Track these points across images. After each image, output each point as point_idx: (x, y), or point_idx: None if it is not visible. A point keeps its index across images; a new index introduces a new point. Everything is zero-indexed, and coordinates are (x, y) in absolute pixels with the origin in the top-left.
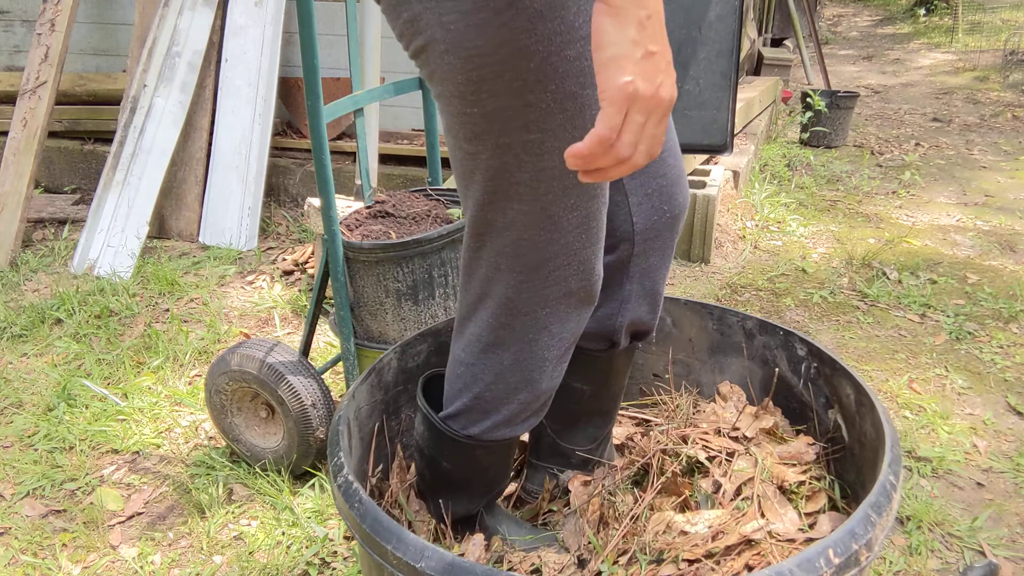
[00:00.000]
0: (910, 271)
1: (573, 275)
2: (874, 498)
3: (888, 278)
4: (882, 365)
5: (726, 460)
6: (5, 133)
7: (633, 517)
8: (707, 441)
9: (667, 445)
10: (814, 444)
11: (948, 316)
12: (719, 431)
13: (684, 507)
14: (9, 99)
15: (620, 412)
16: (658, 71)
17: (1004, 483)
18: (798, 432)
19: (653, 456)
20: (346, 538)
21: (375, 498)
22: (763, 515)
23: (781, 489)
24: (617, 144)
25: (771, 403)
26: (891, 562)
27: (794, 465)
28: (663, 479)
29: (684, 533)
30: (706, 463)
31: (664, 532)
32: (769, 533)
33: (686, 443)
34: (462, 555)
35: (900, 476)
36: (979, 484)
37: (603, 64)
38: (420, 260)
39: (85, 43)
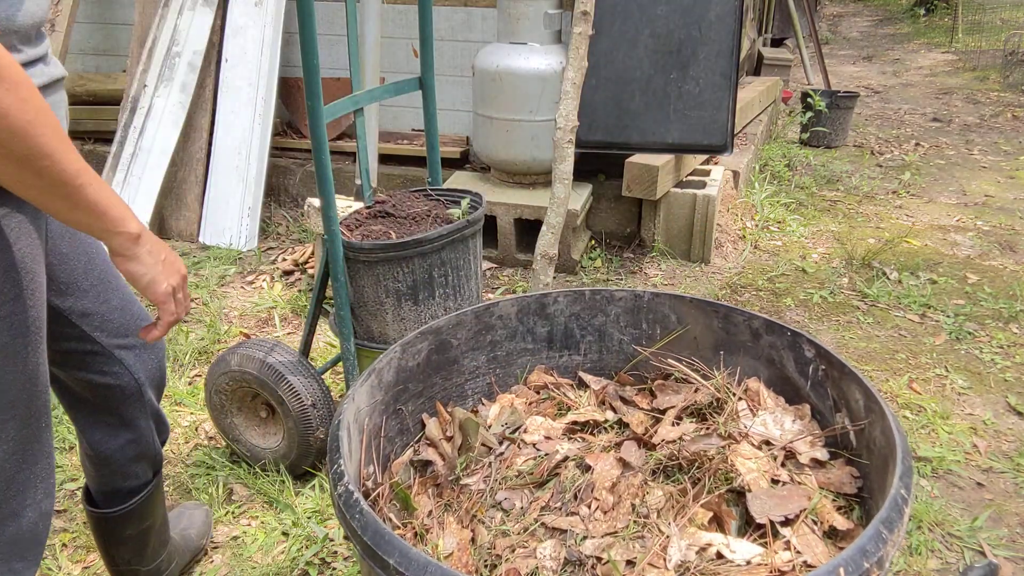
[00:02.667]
0: (910, 271)
1: None
2: (885, 513)
3: (888, 278)
4: (882, 365)
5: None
6: None
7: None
8: (750, 460)
9: (714, 456)
10: (859, 478)
11: (948, 316)
12: (767, 443)
13: (719, 525)
14: None
15: (656, 384)
16: (173, 265)
17: (1004, 483)
18: (834, 455)
19: (706, 470)
20: (346, 538)
21: (373, 502)
22: (795, 547)
23: (830, 532)
24: (178, 315)
25: (810, 416)
26: (891, 562)
27: (840, 507)
28: (708, 496)
29: (720, 556)
30: (747, 491)
31: (701, 551)
32: (800, 564)
33: (731, 461)
34: (449, 555)
35: (911, 489)
36: (979, 484)
37: (144, 287)
38: (420, 260)
39: (85, 43)
